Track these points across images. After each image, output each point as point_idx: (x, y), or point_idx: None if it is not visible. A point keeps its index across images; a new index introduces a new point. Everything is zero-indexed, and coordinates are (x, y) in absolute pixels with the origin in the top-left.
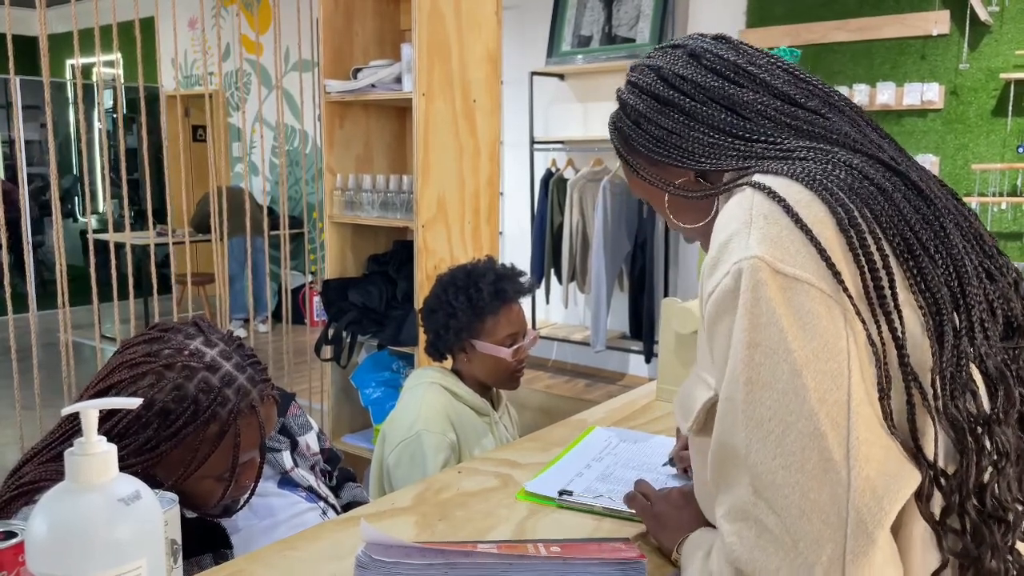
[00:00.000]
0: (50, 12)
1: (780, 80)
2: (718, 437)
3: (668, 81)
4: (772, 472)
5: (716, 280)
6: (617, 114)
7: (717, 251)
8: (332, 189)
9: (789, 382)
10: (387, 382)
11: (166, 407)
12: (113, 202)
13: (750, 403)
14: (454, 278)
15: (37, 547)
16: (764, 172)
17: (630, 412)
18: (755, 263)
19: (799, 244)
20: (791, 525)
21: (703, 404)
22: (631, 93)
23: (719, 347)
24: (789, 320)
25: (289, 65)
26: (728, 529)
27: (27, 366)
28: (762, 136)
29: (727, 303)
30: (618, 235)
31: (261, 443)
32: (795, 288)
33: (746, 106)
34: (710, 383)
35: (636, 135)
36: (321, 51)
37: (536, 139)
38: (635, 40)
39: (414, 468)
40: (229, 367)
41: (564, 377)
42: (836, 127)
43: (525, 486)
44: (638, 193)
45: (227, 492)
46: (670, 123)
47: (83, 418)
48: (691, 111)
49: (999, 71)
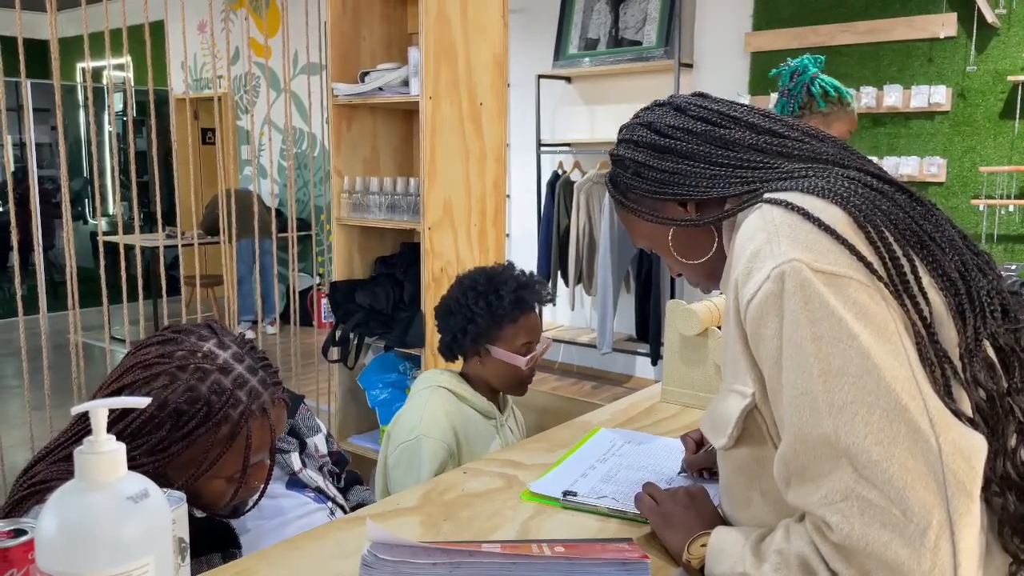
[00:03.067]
0: (61, 16)
1: (760, 120)
2: (798, 432)
3: (661, 132)
4: (867, 450)
5: (754, 287)
6: (614, 171)
7: (747, 263)
8: (340, 191)
9: (861, 365)
10: (394, 383)
11: (179, 408)
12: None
13: (829, 391)
14: (475, 282)
15: (47, 545)
16: (772, 191)
17: (635, 414)
18: (795, 265)
19: (827, 244)
20: (895, 496)
21: (740, 413)
22: (627, 149)
23: (768, 348)
24: (843, 310)
25: (297, 68)
26: (828, 513)
27: (37, 367)
28: (759, 164)
29: (771, 306)
30: (624, 238)
31: (271, 445)
32: (838, 283)
33: (737, 143)
34: (744, 392)
35: (637, 183)
36: (329, 54)
37: (543, 142)
38: (642, 43)
39: (409, 472)
40: (241, 369)
41: (570, 379)
42: (822, 150)
43: (530, 486)
44: (641, 242)
45: (237, 493)
46: (670, 166)
47: (92, 417)
48: (688, 153)
49: (1006, 73)
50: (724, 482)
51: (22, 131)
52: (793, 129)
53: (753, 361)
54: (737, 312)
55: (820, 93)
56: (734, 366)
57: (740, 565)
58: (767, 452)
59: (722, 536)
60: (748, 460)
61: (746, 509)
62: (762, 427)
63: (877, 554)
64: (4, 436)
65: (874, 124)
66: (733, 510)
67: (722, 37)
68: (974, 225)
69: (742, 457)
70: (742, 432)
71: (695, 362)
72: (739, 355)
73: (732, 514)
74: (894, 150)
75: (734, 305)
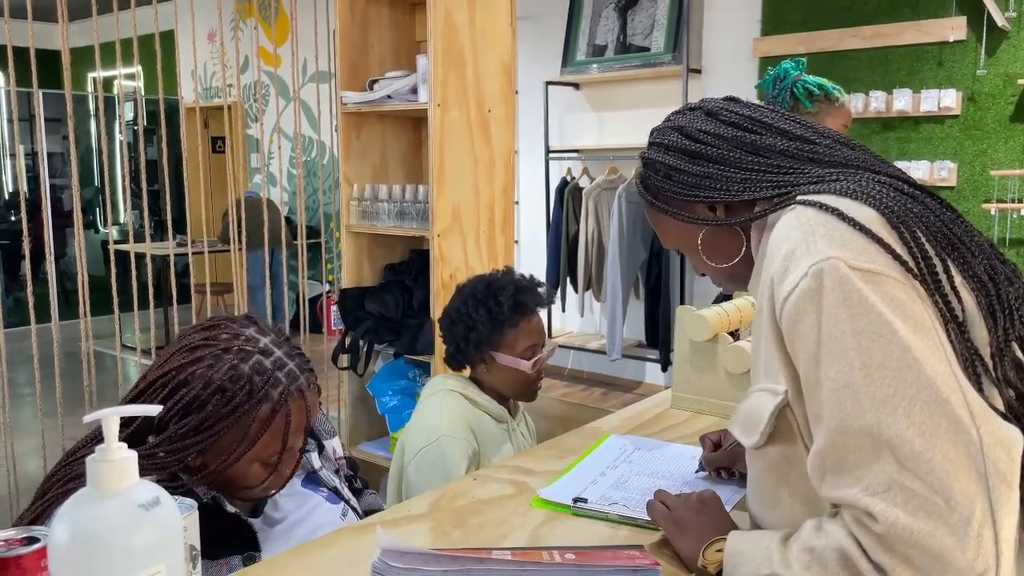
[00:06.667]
0: (72, 26)
1: (792, 126)
2: (838, 425)
3: (693, 137)
4: (910, 441)
5: (791, 284)
6: (645, 173)
7: (783, 261)
8: (349, 199)
9: (901, 358)
10: (403, 390)
11: (223, 386)
12: (134, 213)
13: (871, 384)
14: (474, 290)
15: (59, 553)
16: (804, 194)
17: (645, 420)
18: (833, 262)
19: (863, 243)
20: (939, 486)
21: (772, 411)
22: (657, 152)
23: (805, 344)
24: (882, 305)
25: (306, 77)
26: (872, 503)
27: (49, 375)
28: (790, 169)
29: (809, 302)
30: (633, 243)
31: (307, 430)
32: (875, 279)
33: (768, 149)
34: (776, 390)
35: (668, 186)
36: (338, 63)
37: (551, 148)
38: (650, 49)
39: (435, 474)
40: (280, 353)
41: (580, 385)
42: (853, 156)
43: (539, 493)
44: (670, 242)
45: (269, 478)
46: (701, 170)
47: (104, 425)
48: (719, 158)
49: (1017, 76)
50: (753, 481)
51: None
52: (824, 136)
53: (786, 359)
54: (772, 311)
55: (804, 94)
56: (766, 366)
57: (766, 566)
58: (797, 451)
59: (740, 540)
60: (778, 459)
61: (775, 508)
62: (793, 425)
63: (921, 543)
64: (16, 444)
65: (884, 128)
66: (762, 510)
67: (730, 42)
68: (986, 229)
69: (772, 456)
70: (773, 430)
71: (705, 368)
72: (772, 354)
73: (760, 514)
74: (904, 154)
75: (768, 304)
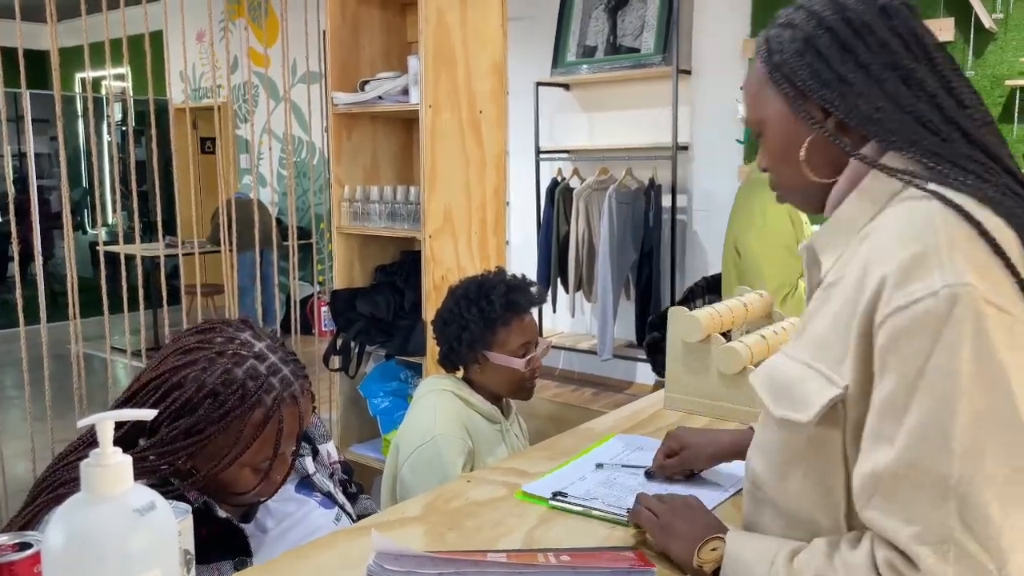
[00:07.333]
0: (60, 26)
1: (955, 78)
2: (912, 459)
3: (853, 26)
4: (985, 504)
5: (912, 296)
6: (779, 32)
7: (908, 262)
8: (340, 200)
9: (1010, 418)
10: (395, 392)
11: (215, 390)
12: (122, 214)
13: (966, 435)
14: (466, 290)
15: (53, 558)
16: (943, 184)
17: (638, 421)
18: (971, 291)
19: (999, 273)
20: (997, 555)
21: (827, 402)
22: (806, 20)
23: (905, 364)
24: (1007, 355)
25: (296, 77)
26: (922, 550)
27: (38, 377)
28: (931, 127)
29: (929, 325)
30: (624, 244)
31: (299, 435)
32: (1006, 322)
33: (919, 85)
34: (834, 380)
35: (801, 68)
36: (328, 63)
37: (542, 149)
38: (639, 50)
39: (432, 473)
40: (275, 359)
41: (571, 386)
42: (992, 142)
43: (524, 487)
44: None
45: (260, 485)
46: (842, 69)
47: (99, 430)
48: (867, 66)
49: (1004, 78)
50: (764, 444)
51: (22, 142)
52: (977, 105)
53: (865, 359)
54: (867, 305)
55: None
56: (824, 345)
57: None
58: (830, 443)
59: (742, 545)
60: (803, 440)
61: (782, 481)
62: (839, 420)
63: None
64: (5, 447)
65: None
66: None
67: (720, 43)
68: None
69: (798, 433)
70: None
71: (697, 369)
72: (843, 343)
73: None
74: None
75: (862, 294)
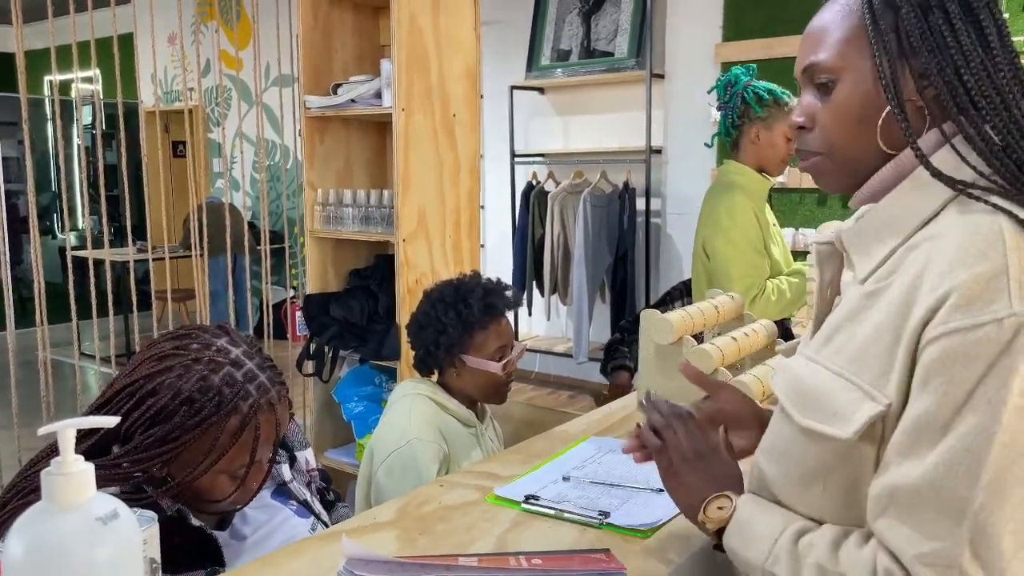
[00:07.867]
0: (27, 28)
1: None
2: (938, 480)
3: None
4: (999, 537)
5: (974, 321)
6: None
7: (972, 283)
8: (313, 204)
9: None
10: (369, 396)
11: (191, 397)
12: (92, 218)
13: (999, 466)
14: (442, 294)
15: (14, 568)
16: (1006, 198)
17: (612, 423)
18: None
19: None
20: None
21: (867, 420)
22: None
23: (953, 387)
24: None
25: (269, 81)
26: (924, 571)
27: (4, 384)
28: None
29: (986, 351)
30: (599, 247)
31: (276, 442)
32: None
33: (999, 69)
34: (876, 397)
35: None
36: (301, 67)
37: (516, 152)
38: (613, 54)
39: (406, 478)
40: (252, 365)
41: (547, 389)
42: None
43: (496, 491)
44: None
45: (236, 492)
46: (964, 40)
47: (60, 438)
48: (989, 43)
49: None
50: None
51: None
52: None
53: (909, 375)
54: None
55: (754, 99)
56: (859, 356)
57: (773, 564)
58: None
59: (752, 512)
60: (830, 452)
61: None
62: (875, 435)
63: None
64: None
65: None
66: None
67: (693, 48)
68: None
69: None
70: None
71: (669, 371)
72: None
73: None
74: None
75: (922, 313)
